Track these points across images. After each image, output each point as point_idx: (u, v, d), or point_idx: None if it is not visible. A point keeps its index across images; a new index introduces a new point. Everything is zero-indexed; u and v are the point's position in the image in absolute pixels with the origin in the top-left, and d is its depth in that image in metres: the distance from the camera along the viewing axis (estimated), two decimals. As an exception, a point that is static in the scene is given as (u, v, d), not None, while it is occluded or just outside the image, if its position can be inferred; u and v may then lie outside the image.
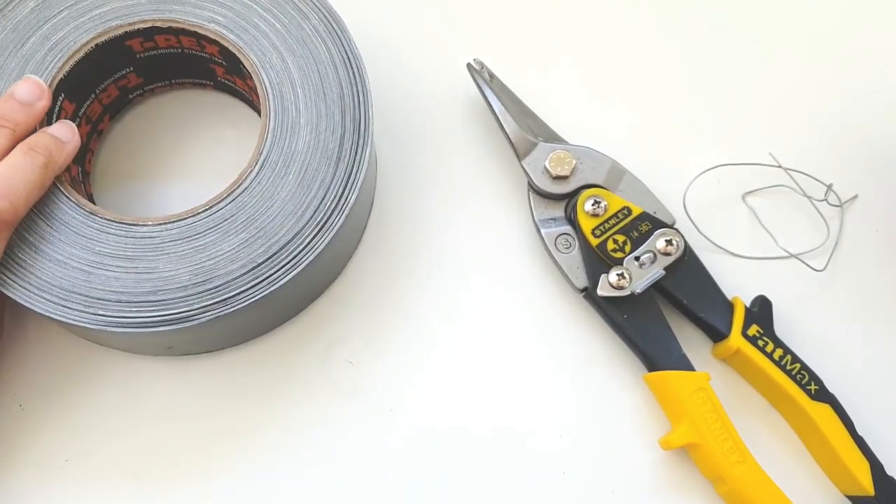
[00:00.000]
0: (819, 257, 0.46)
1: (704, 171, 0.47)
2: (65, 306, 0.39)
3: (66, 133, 0.41)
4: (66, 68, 0.42)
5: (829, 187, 0.46)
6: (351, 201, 0.41)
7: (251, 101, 0.42)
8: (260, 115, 0.42)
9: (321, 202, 0.41)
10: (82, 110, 0.45)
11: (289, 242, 0.40)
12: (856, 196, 0.46)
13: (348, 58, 0.42)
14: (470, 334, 0.46)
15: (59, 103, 0.42)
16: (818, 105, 0.49)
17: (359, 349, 0.46)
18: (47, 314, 0.39)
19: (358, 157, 0.41)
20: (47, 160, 0.39)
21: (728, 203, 0.47)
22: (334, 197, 0.41)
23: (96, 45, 0.42)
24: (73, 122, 0.44)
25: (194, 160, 0.48)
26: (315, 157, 0.41)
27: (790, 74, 0.49)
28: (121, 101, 0.47)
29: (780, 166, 0.47)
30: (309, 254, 0.40)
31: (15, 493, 0.45)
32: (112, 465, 0.45)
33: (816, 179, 0.46)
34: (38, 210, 0.40)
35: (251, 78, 0.42)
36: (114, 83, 0.46)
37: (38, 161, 0.39)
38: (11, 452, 0.45)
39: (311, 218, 0.40)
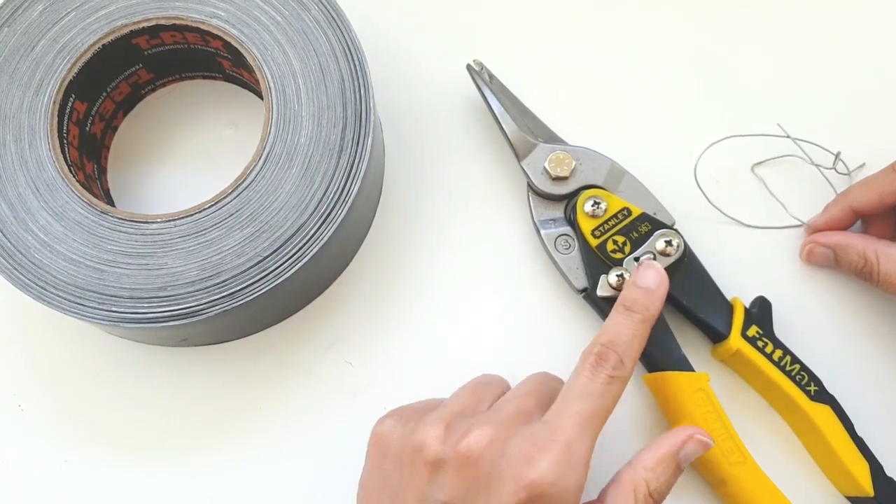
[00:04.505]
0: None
1: (714, 143, 0.47)
2: (79, 304, 0.40)
3: (651, 279, 0.40)
4: (76, 69, 0.42)
5: (837, 156, 0.46)
6: (353, 193, 0.41)
7: (259, 92, 0.43)
8: (266, 107, 0.43)
9: (324, 194, 0.41)
10: (95, 109, 0.45)
11: (293, 235, 0.41)
12: (863, 164, 0.47)
13: (349, 48, 0.43)
14: (469, 334, 0.46)
15: (70, 103, 0.43)
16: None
17: (358, 349, 0.46)
18: (63, 312, 0.40)
19: (360, 148, 0.41)
20: (643, 315, 0.39)
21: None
22: (337, 189, 0.41)
23: (103, 45, 0.43)
24: (87, 120, 0.45)
25: (206, 149, 0.48)
26: (318, 150, 0.41)
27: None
28: (133, 97, 0.48)
29: (787, 136, 0.47)
30: (313, 246, 0.40)
31: (15, 494, 0.45)
32: (113, 463, 0.45)
33: (824, 149, 0.47)
34: (52, 211, 0.41)
35: (255, 71, 0.43)
36: (125, 80, 0.46)
37: (635, 318, 0.39)
38: (11, 452, 0.45)
39: (314, 210, 0.41)
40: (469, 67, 0.47)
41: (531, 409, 0.37)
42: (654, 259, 0.44)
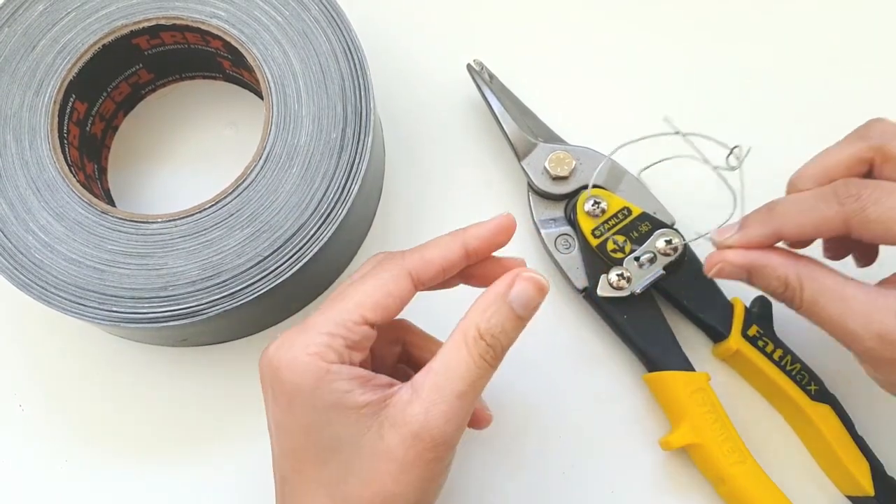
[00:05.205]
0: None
1: (628, 142, 0.41)
2: (80, 304, 0.40)
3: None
4: (76, 70, 0.43)
5: (732, 150, 0.38)
6: (353, 193, 0.41)
7: (260, 92, 0.43)
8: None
9: (324, 194, 0.41)
10: (95, 109, 0.45)
11: (293, 235, 0.41)
12: (749, 149, 0.38)
13: (349, 48, 0.43)
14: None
15: (70, 104, 0.43)
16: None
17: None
18: (64, 312, 0.40)
19: (360, 148, 0.41)
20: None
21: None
22: (337, 189, 0.41)
23: (103, 45, 0.43)
24: (87, 120, 0.45)
25: (206, 149, 0.48)
26: (318, 150, 0.42)
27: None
28: (133, 97, 0.48)
29: (678, 132, 0.40)
30: (313, 246, 0.40)
31: (15, 494, 0.45)
32: (113, 463, 0.45)
33: (719, 142, 0.39)
34: (52, 211, 0.41)
35: (255, 71, 0.43)
36: (125, 81, 0.46)
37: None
38: (11, 452, 0.45)
39: (314, 210, 0.41)
40: (469, 67, 0.47)
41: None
42: (655, 259, 0.44)
